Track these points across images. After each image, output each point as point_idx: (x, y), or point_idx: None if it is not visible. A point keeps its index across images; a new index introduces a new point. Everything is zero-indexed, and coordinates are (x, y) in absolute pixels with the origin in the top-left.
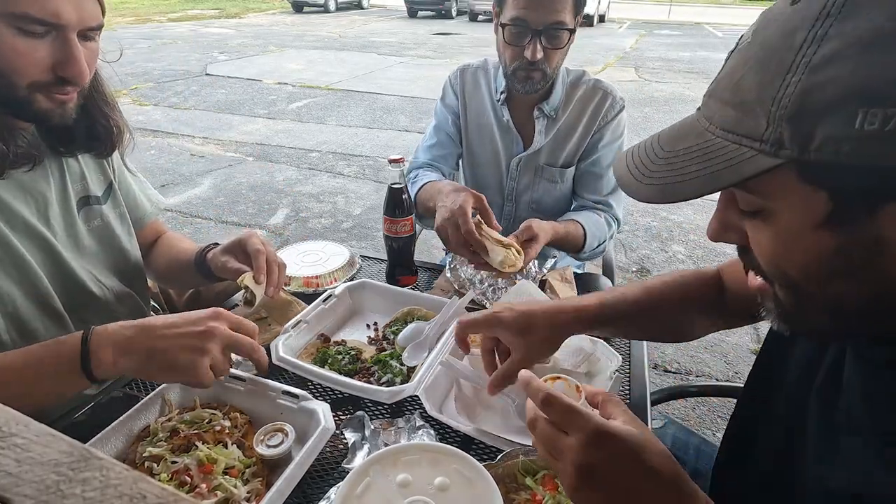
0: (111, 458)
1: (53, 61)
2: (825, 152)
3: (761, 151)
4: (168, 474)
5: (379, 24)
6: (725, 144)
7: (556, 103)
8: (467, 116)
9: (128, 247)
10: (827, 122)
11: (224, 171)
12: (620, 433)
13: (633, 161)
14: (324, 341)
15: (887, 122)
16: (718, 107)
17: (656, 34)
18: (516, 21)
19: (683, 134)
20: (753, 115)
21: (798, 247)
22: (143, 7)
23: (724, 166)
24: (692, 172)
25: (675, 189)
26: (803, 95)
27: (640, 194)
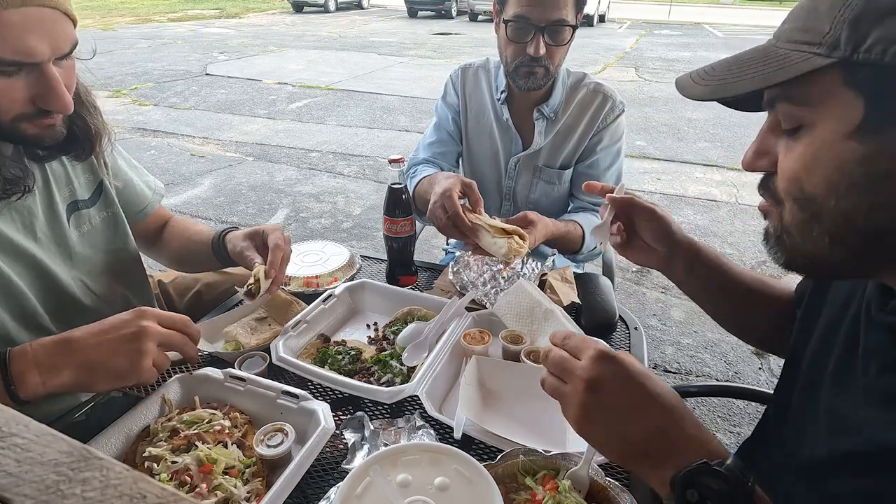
0: (111, 458)
1: (32, 95)
2: (874, 52)
3: (817, 54)
4: (168, 474)
5: (379, 24)
6: (786, 53)
7: (556, 105)
8: (468, 115)
9: (123, 246)
10: (883, 25)
11: (224, 171)
12: (628, 358)
13: (696, 72)
14: (324, 341)
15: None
16: (788, 26)
17: (656, 34)
18: (519, 18)
19: (750, 50)
20: (820, 22)
21: (826, 157)
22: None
23: (778, 66)
24: (749, 73)
25: (728, 86)
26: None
27: (693, 92)
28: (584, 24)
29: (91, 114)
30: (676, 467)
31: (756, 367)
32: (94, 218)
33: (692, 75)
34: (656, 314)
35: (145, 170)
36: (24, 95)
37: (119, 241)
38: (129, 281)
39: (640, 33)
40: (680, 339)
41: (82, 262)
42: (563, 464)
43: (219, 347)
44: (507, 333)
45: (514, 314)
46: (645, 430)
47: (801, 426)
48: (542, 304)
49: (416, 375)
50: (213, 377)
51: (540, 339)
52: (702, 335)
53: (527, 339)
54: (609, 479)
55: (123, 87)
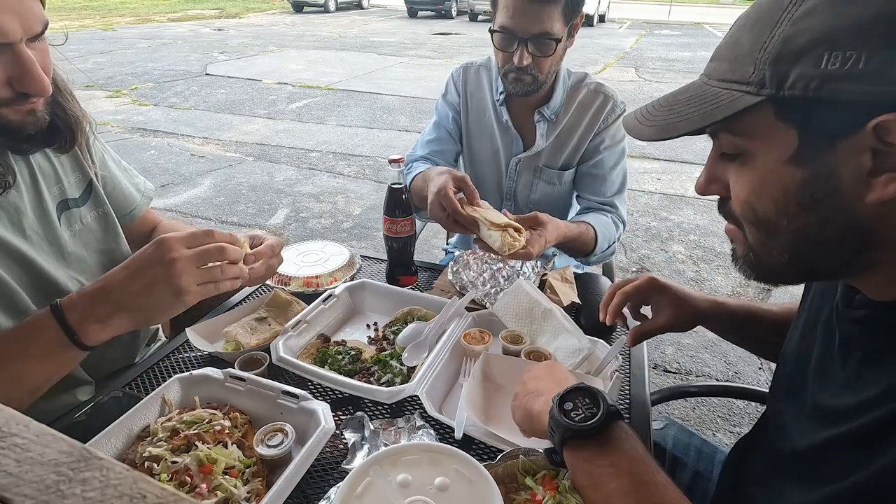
0: (111, 458)
1: (8, 77)
2: (797, 89)
3: (747, 92)
4: (168, 474)
5: (379, 24)
6: (718, 92)
7: (557, 106)
8: (468, 114)
9: (114, 246)
10: (800, 64)
11: (224, 171)
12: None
13: (639, 112)
14: (324, 341)
15: (846, 62)
16: (716, 65)
17: (656, 34)
18: (504, 29)
19: (684, 89)
20: (744, 63)
21: (771, 182)
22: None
23: (714, 106)
24: (688, 113)
25: (672, 126)
26: (784, 42)
27: (642, 134)
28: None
29: (69, 102)
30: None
31: (756, 367)
32: (85, 217)
33: (637, 116)
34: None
35: (136, 172)
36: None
37: (111, 241)
38: None
39: (640, 33)
40: (680, 339)
41: (76, 262)
42: None
43: (219, 347)
44: (507, 333)
45: (513, 314)
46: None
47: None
48: (541, 304)
49: (416, 375)
50: (213, 377)
51: (539, 339)
52: (702, 335)
53: (526, 339)
54: None
55: (123, 87)
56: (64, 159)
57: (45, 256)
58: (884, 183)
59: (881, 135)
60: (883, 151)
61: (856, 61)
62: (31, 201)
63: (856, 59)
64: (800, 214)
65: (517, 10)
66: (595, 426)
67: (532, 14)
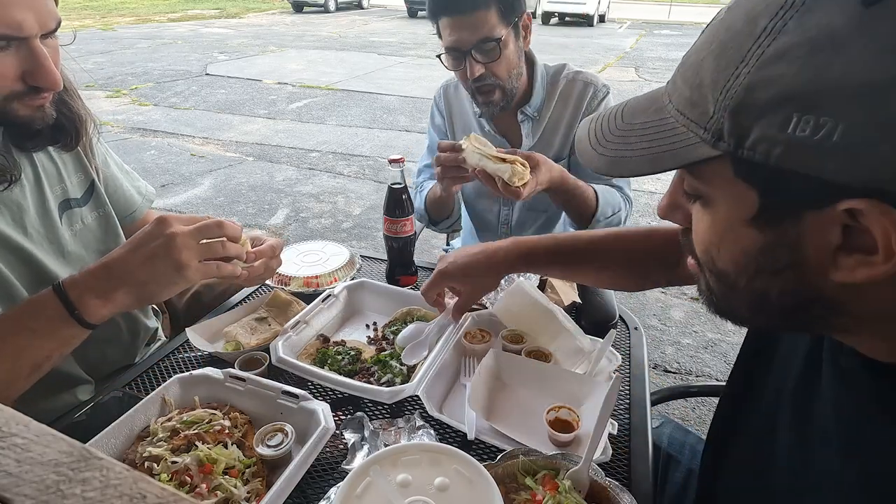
0: (111, 458)
1: (22, 71)
2: (757, 152)
3: (703, 140)
4: (168, 474)
5: (379, 24)
6: (676, 126)
7: (539, 104)
8: (455, 133)
9: (114, 246)
10: (764, 122)
11: (224, 171)
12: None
13: (594, 129)
14: (323, 341)
15: (817, 131)
16: (680, 84)
17: (656, 34)
18: (448, 49)
19: (645, 107)
20: (704, 100)
21: (729, 238)
22: (143, 7)
23: (667, 149)
24: (640, 149)
25: (622, 163)
26: (748, 89)
27: (592, 163)
28: (584, 24)
29: (75, 100)
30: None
31: None
32: (86, 217)
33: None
34: (656, 314)
35: (138, 175)
36: (14, 73)
37: (111, 241)
38: None
39: (640, 33)
40: (680, 339)
41: (75, 261)
42: (563, 464)
43: (219, 347)
44: (508, 333)
45: (513, 314)
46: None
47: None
48: (540, 304)
49: (416, 375)
50: (213, 377)
51: (540, 339)
52: (702, 335)
53: (527, 339)
54: (609, 479)
55: (123, 87)
56: (67, 159)
57: (45, 254)
58: (852, 266)
59: (854, 214)
60: (855, 228)
61: (829, 132)
62: (34, 200)
63: (830, 129)
64: (759, 278)
65: (452, 27)
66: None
67: (465, 25)
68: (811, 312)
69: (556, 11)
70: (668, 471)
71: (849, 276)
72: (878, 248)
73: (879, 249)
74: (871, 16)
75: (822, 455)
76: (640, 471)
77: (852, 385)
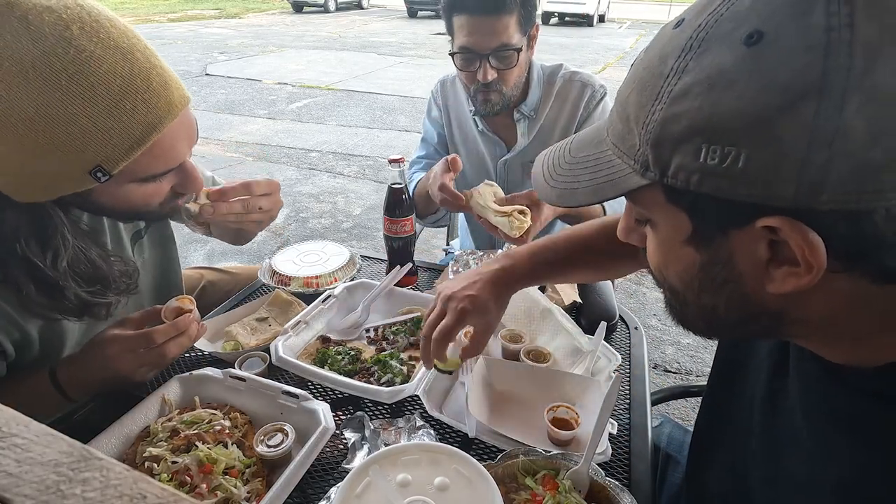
0: (111, 458)
1: (173, 185)
2: (679, 180)
3: (634, 171)
4: (168, 474)
5: (379, 24)
6: (612, 158)
7: (535, 103)
8: (451, 127)
9: (168, 266)
10: (679, 153)
11: (224, 172)
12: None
13: (547, 163)
14: (323, 341)
15: (724, 159)
16: (614, 118)
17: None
18: (463, 49)
19: (588, 141)
20: (631, 133)
21: (672, 257)
22: (143, 7)
23: (606, 180)
24: (584, 181)
25: (570, 195)
26: (663, 124)
27: (545, 195)
28: (584, 24)
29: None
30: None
31: None
32: (145, 245)
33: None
34: (656, 314)
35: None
36: (169, 190)
37: (165, 262)
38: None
39: (640, 33)
40: (680, 338)
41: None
42: (563, 464)
43: (219, 347)
44: (507, 333)
45: (512, 314)
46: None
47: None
48: (539, 304)
49: (416, 375)
50: (213, 377)
51: (539, 339)
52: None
53: (526, 339)
54: (609, 479)
55: None
56: None
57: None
58: (782, 277)
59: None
60: (778, 243)
61: (734, 159)
62: (112, 239)
63: (734, 156)
64: (704, 294)
65: (473, 27)
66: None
67: (488, 28)
68: (760, 323)
69: (555, 11)
70: (666, 470)
71: (781, 287)
72: (798, 261)
73: (800, 262)
74: (752, 55)
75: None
76: (640, 471)
77: (817, 390)
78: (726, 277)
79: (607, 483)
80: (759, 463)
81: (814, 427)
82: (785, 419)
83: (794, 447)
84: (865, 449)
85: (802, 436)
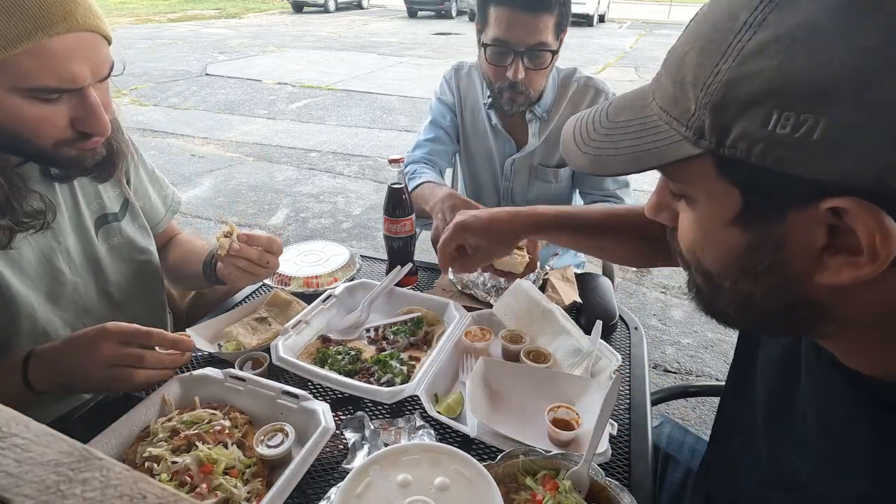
0: (111, 458)
1: (74, 118)
2: (739, 149)
3: (685, 138)
4: (168, 474)
5: (379, 24)
6: (658, 124)
7: (548, 104)
8: (464, 114)
9: (150, 258)
10: (745, 118)
11: (224, 171)
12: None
13: (580, 127)
14: (323, 341)
15: (798, 127)
16: (664, 81)
17: (656, 34)
18: (498, 42)
19: (629, 104)
20: (686, 97)
21: (712, 238)
22: (143, 7)
23: (650, 147)
24: (624, 148)
25: (605, 162)
26: (729, 85)
27: (576, 162)
28: (584, 24)
29: (117, 134)
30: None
31: None
32: (124, 230)
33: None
34: (656, 314)
35: (167, 182)
36: (65, 120)
37: (147, 253)
38: (151, 289)
39: (640, 33)
40: (680, 338)
41: (110, 273)
42: (564, 464)
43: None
44: (507, 333)
45: (513, 314)
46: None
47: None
48: (540, 304)
49: (416, 375)
50: (213, 377)
51: (539, 339)
52: (702, 335)
53: (526, 339)
54: (609, 479)
55: (123, 88)
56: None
57: (79, 275)
58: (837, 267)
59: (839, 213)
60: (841, 229)
61: (810, 128)
62: (71, 218)
63: (811, 125)
64: (743, 280)
65: (512, 21)
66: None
67: (527, 25)
68: (796, 315)
69: None
70: (666, 470)
71: (834, 277)
72: (862, 248)
73: (864, 250)
74: (852, 11)
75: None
76: (640, 471)
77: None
78: (772, 263)
79: (607, 483)
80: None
81: (830, 438)
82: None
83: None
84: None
85: (815, 445)
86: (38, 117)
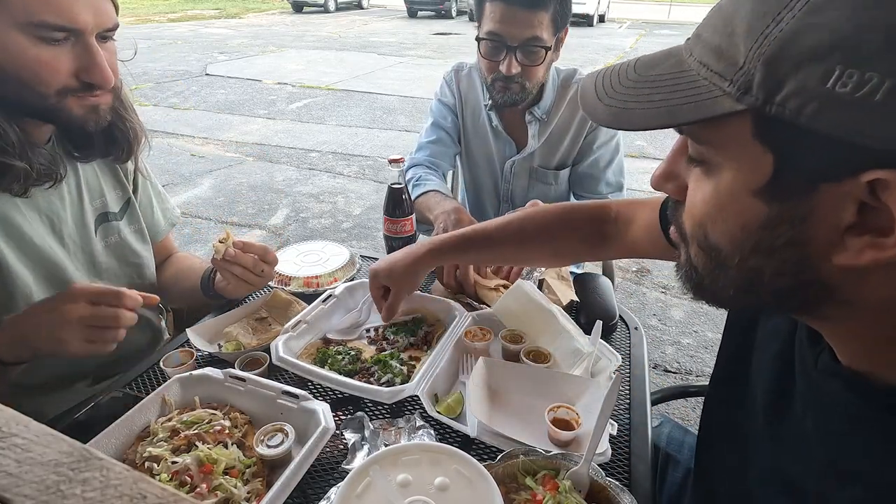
0: (111, 458)
1: (77, 67)
2: (788, 107)
3: (727, 93)
4: (168, 474)
5: (379, 24)
6: (696, 79)
7: (548, 106)
8: (465, 115)
9: (145, 262)
10: (802, 72)
11: (224, 172)
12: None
13: (603, 80)
14: (324, 342)
15: (861, 86)
16: (706, 35)
17: (656, 34)
18: (492, 35)
19: (662, 60)
20: (735, 49)
21: (730, 209)
22: (143, 7)
23: (685, 101)
24: (655, 101)
25: (629, 115)
26: (791, 36)
27: (595, 114)
28: (584, 24)
29: (130, 114)
30: None
31: None
32: (122, 231)
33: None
34: (656, 314)
35: (168, 197)
36: (68, 67)
37: (142, 257)
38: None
39: (640, 33)
40: (680, 338)
41: (107, 271)
42: (564, 464)
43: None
44: (507, 333)
45: (513, 315)
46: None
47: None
48: (540, 305)
49: (416, 375)
50: (213, 377)
51: (539, 339)
52: (702, 335)
53: (526, 339)
54: (609, 479)
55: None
56: (107, 175)
57: (77, 265)
58: (859, 248)
59: (875, 189)
60: (871, 207)
61: (873, 90)
62: (73, 211)
63: (874, 86)
64: (755, 256)
65: (506, 16)
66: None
67: (521, 20)
68: (802, 297)
69: None
70: (666, 470)
71: (854, 258)
72: (891, 229)
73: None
74: None
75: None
76: (640, 471)
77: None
78: (791, 239)
79: (607, 483)
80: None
81: (826, 441)
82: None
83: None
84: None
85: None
86: (39, 60)
